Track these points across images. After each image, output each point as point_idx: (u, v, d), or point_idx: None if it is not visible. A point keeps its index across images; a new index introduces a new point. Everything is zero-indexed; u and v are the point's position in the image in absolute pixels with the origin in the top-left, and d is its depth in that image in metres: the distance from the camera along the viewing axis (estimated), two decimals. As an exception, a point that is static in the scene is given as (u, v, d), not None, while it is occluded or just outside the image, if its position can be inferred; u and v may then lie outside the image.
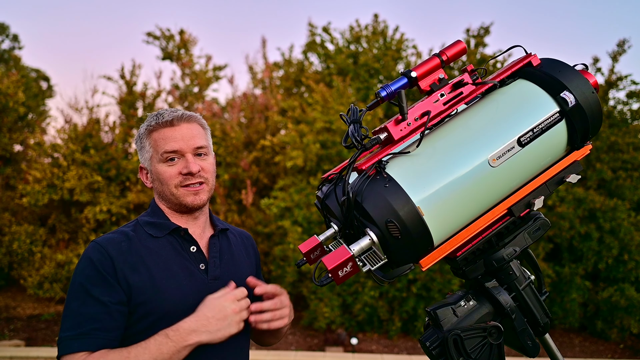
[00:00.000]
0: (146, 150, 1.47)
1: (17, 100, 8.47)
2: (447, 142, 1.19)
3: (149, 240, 1.41)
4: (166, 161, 1.42)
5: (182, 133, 1.43)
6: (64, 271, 7.36)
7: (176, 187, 1.42)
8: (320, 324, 6.69)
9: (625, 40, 8.00)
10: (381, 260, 1.12)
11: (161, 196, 1.47)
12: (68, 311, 1.30)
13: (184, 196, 1.43)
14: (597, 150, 7.44)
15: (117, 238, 1.39)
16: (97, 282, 1.30)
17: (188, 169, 1.41)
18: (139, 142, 1.50)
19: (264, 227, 7.58)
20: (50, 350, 6.09)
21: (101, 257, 1.33)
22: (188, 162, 1.41)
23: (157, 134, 1.44)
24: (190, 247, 1.45)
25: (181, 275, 1.39)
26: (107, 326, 1.28)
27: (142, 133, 1.48)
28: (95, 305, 1.28)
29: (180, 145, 1.41)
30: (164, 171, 1.42)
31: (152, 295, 1.33)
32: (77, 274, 1.34)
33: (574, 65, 1.26)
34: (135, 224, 1.46)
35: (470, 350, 1.20)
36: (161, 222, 1.45)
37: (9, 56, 16.23)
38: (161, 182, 1.44)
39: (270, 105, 9.00)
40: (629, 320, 6.60)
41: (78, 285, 1.31)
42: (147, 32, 9.82)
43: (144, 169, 1.52)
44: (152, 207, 1.50)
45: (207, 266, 1.45)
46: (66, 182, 7.48)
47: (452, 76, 3.02)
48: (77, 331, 1.26)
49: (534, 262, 1.37)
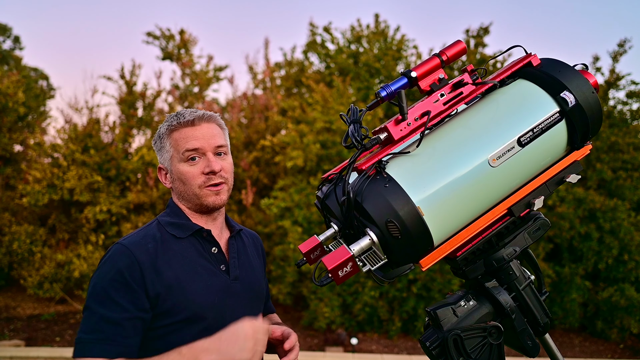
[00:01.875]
0: (166, 150, 1.46)
1: (17, 100, 8.47)
2: (447, 142, 1.19)
3: (172, 241, 1.40)
4: (187, 160, 1.42)
5: (202, 132, 1.43)
6: (64, 271, 7.36)
7: (200, 188, 1.42)
8: (320, 324, 6.69)
9: (626, 40, 7.98)
10: (381, 260, 1.12)
11: (182, 196, 1.46)
12: (90, 313, 1.29)
13: (206, 196, 1.42)
14: (597, 150, 7.44)
15: (143, 241, 1.37)
16: (122, 288, 1.29)
17: (210, 168, 1.40)
18: (159, 142, 1.49)
19: (264, 227, 7.58)
20: (51, 350, 6.09)
21: (128, 262, 1.31)
22: (210, 161, 1.41)
23: (178, 133, 1.43)
24: (212, 249, 1.45)
25: (205, 277, 1.39)
26: (128, 333, 1.27)
27: (163, 133, 1.47)
28: (118, 312, 1.27)
29: (201, 143, 1.41)
30: (187, 171, 1.42)
31: (179, 297, 1.33)
32: (102, 277, 1.31)
33: (574, 65, 1.26)
34: (157, 224, 1.45)
35: (470, 350, 1.20)
36: (184, 223, 1.44)
37: (9, 57, 16.23)
38: (183, 182, 1.43)
39: (270, 105, 9.00)
40: (629, 320, 6.60)
41: (101, 289, 1.30)
42: (147, 32, 9.84)
43: (163, 169, 1.51)
44: (172, 207, 1.49)
45: (228, 267, 1.46)
46: (66, 182, 7.49)
47: (452, 76, 3.01)
48: (98, 335, 1.25)
49: (534, 262, 1.37)
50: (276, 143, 7.85)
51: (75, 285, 7.73)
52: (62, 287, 7.59)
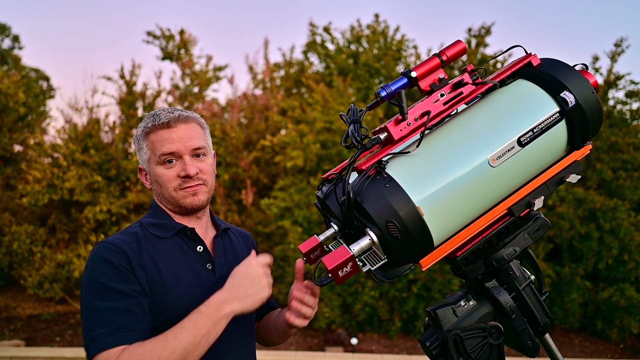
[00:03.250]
0: (144, 152, 1.45)
1: (18, 100, 8.47)
2: (447, 142, 1.19)
3: (155, 241, 1.39)
4: (164, 163, 1.41)
5: (179, 134, 1.40)
6: (64, 271, 7.36)
7: (175, 190, 1.41)
8: (320, 324, 6.69)
9: (622, 39, 7.97)
10: (381, 260, 1.12)
11: (161, 197, 1.46)
12: (93, 311, 1.24)
13: (183, 198, 1.41)
14: (597, 150, 7.44)
15: (126, 239, 1.36)
16: (118, 277, 1.27)
17: (185, 172, 1.39)
18: (137, 143, 1.48)
19: (264, 227, 7.58)
20: (51, 350, 6.09)
21: (116, 255, 1.30)
22: (186, 165, 1.39)
23: (154, 135, 1.41)
24: (197, 247, 1.44)
25: (190, 276, 1.38)
26: (140, 317, 1.25)
27: (140, 134, 1.46)
28: (123, 299, 1.25)
29: (177, 147, 1.39)
30: (162, 174, 1.41)
31: (162, 296, 1.32)
32: (95, 274, 1.28)
33: (574, 65, 1.26)
34: (139, 225, 1.44)
35: (470, 350, 1.20)
36: (166, 223, 1.43)
37: (8, 56, 16.23)
38: (160, 184, 1.43)
39: (270, 105, 9.00)
40: (629, 320, 6.60)
41: (98, 284, 1.26)
42: (147, 32, 9.83)
43: (143, 170, 1.50)
44: (154, 208, 1.48)
45: (214, 266, 1.45)
46: (66, 182, 7.48)
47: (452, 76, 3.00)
48: (111, 327, 1.21)
49: (534, 262, 1.37)
50: (276, 143, 7.85)
51: (75, 285, 7.73)
52: (62, 287, 7.60)
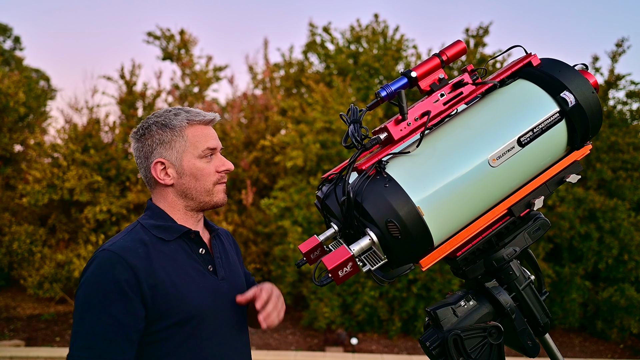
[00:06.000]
0: (177, 144, 1.40)
1: (18, 100, 8.47)
2: (447, 142, 1.19)
3: (161, 244, 1.37)
4: (205, 157, 1.43)
5: (214, 133, 1.49)
6: (64, 271, 7.36)
7: (214, 184, 1.44)
8: (320, 324, 6.69)
9: (624, 39, 7.96)
10: (381, 260, 1.12)
11: (185, 194, 1.42)
12: (81, 326, 1.24)
13: (217, 193, 1.45)
14: (597, 150, 7.44)
15: (132, 247, 1.32)
16: (118, 298, 1.24)
17: (226, 167, 1.46)
18: (164, 134, 1.40)
19: (264, 227, 7.58)
20: (50, 350, 6.09)
21: (123, 270, 1.26)
22: (224, 161, 1.46)
23: (195, 129, 1.42)
24: (199, 250, 1.44)
25: (197, 278, 1.39)
26: (124, 350, 1.24)
27: (177, 125, 1.40)
28: (112, 325, 1.23)
29: (217, 143, 1.46)
30: (204, 167, 1.42)
31: (175, 300, 1.31)
32: (92, 286, 1.26)
33: (574, 65, 1.26)
34: (141, 227, 1.40)
35: (470, 350, 1.20)
36: (170, 226, 1.41)
37: (10, 57, 16.24)
38: (197, 178, 1.41)
39: (270, 105, 9.00)
40: (629, 320, 6.60)
41: (96, 301, 1.24)
42: (147, 32, 9.84)
43: (162, 163, 1.40)
44: (154, 209, 1.44)
45: (215, 267, 1.46)
46: (66, 182, 7.48)
47: (452, 76, 3.01)
48: (91, 352, 1.21)
49: (534, 262, 1.37)
50: (276, 143, 7.85)
51: (75, 285, 7.72)
52: (62, 287, 7.59)
